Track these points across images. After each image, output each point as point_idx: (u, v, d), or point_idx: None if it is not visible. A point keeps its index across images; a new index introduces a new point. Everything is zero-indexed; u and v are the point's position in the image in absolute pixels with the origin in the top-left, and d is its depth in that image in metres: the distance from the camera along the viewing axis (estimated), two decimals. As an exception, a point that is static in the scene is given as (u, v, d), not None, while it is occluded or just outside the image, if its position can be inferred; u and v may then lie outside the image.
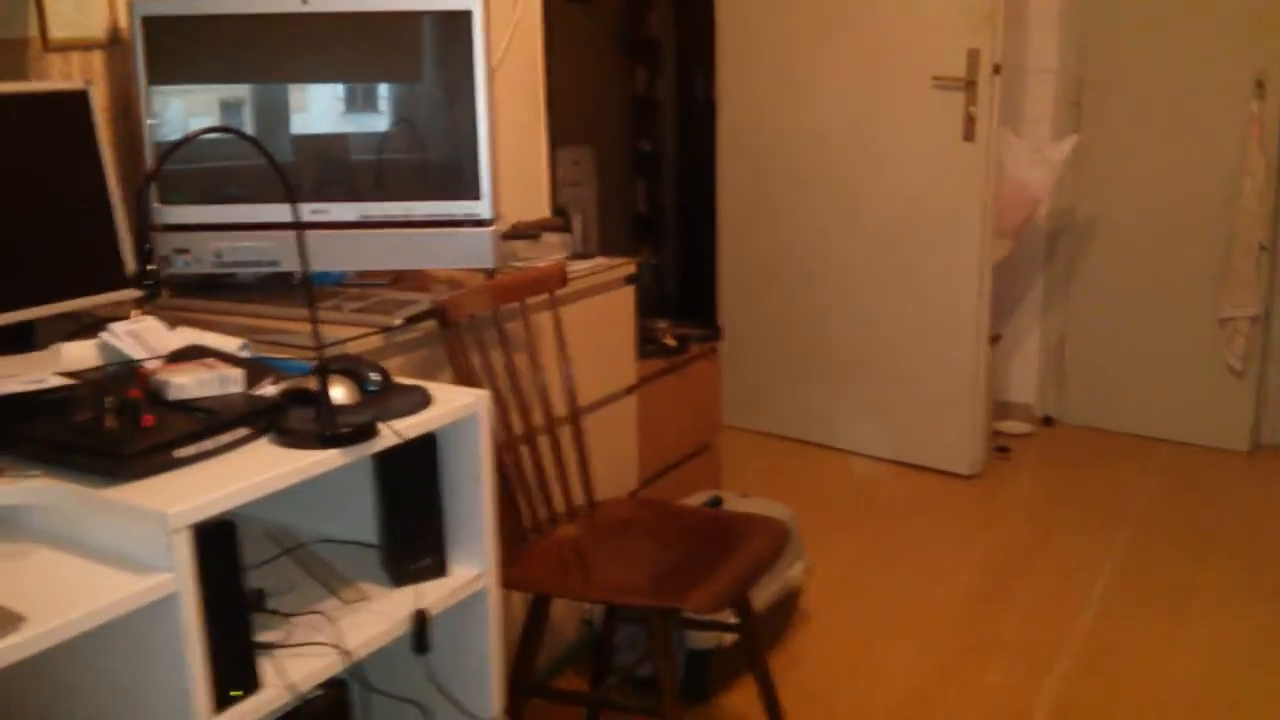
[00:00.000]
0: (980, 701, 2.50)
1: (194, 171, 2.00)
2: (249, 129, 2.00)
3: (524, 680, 2.03)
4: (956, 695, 2.52)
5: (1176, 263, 4.00)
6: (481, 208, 2.00)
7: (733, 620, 2.21)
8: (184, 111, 1.99)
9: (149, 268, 1.36)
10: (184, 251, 2.02)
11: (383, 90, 2.02)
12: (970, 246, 3.63)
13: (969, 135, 3.55)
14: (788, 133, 3.95)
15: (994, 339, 3.85)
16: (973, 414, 3.76)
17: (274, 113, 2.01)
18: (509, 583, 1.92)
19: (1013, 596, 2.99)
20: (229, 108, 2.02)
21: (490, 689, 1.68)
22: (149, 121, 1.96)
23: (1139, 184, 4.02)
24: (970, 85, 3.50)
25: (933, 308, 3.76)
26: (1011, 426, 4.27)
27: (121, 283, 1.84)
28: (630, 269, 2.58)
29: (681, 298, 5.19)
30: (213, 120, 1.99)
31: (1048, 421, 4.35)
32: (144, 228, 1.31)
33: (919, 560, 3.21)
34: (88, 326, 1.88)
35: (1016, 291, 4.32)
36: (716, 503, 2.70)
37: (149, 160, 1.97)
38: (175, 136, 1.97)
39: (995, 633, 2.80)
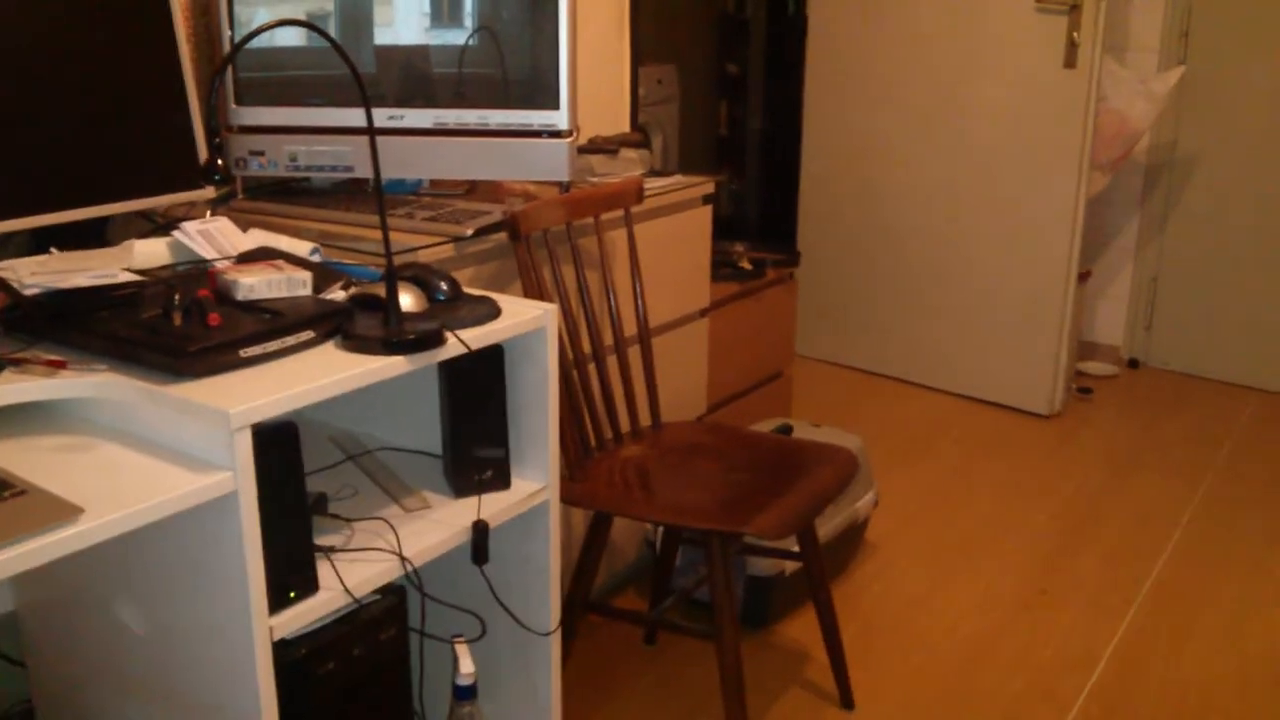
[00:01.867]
0: (1047, 645, 2.45)
1: (273, 79, 1.98)
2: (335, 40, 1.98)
3: (581, 596, 2.03)
4: (1022, 637, 2.48)
5: (1277, 206, 3.83)
6: (559, 118, 1.96)
7: (796, 549, 2.18)
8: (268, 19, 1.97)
9: (218, 162, 1.34)
10: (259, 154, 2.01)
11: (466, 1, 1.98)
12: (1066, 178, 3.51)
13: (1070, 62, 3.40)
14: (881, 55, 3.83)
15: (1083, 276, 3.73)
16: (1056, 352, 3.66)
17: (357, 24, 1.98)
18: (571, 499, 1.90)
19: (1086, 541, 2.92)
20: (315, 19, 1.99)
21: (548, 603, 1.67)
22: (227, 32, 1.94)
23: (1244, 122, 3.84)
24: (1075, 9, 3.35)
25: (1021, 240, 3.64)
26: (1095, 368, 4.16)
27: (195, 183, 1.84)
28: (709, 188, 2.53)
29: (761, 223, 5.11)
30: (299, 35, 1.97)
31: (1133, 364, 4.23)
32: (212, 119, 1.29)
33: (992, 499, 3.15)
34: (161, 226, 1.88)
35: (1109, 228, 4.18)
36: (786, 430, 2.66)
37: (229, 72, 1.96)
38: (258, 44, 1.95)
39: (1066, 577, 2.74)
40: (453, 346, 1.43)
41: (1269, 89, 3.77)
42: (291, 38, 1.99)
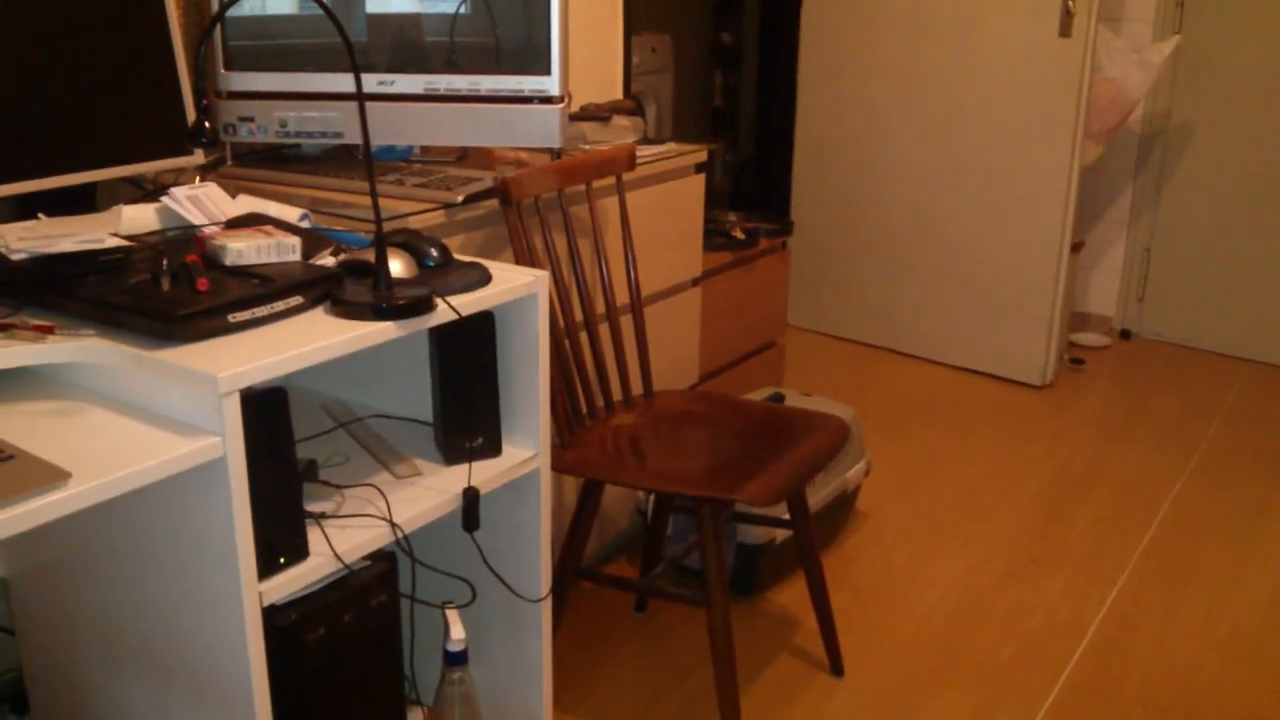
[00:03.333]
0: (1035, 613, 2.46)
1: (263, 45, 1.96)
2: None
3: (572, 563, 2.04)
4: (1011, 605, 2.49)
5: (1272, 177, 3.82)
6: (550, 84, 1.94)
7: (786, 516, 2.19)
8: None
9: (205, 125, 1.32)
10: (249, 120, 2.00)
11: (457, -36, 1.96)
12: (1060, 148, 3.50)
13: (1065, 31, 3.39)
14: (875, 24, 3.81)
15: (1076, 246, 3.73)
16: (1048, 323, 3.66)
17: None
18: (562, 466, 1.91)
19: (1077, 511, 2.93)
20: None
21: (538, 570, 1.67)
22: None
23: (1239, 92, 3.83)
24: (1069, -22, 3.34)
25: (1015, 210, 3.64)
26: (1087, 339, 4.17)
27: (184, 148, 1.83)
28: (701, 157, 2.52)
29: (755, 193, 5.10)
30: (290, 3, 1.95)
31: (1125, 335, 4.24)
32: (200, 83, 1.27)
33: (983, 469, 3.16)
34: (150, 192, 1.87)
35: (1103, 198, 4.18)
36: (779, 399, 2.66)
37: (218, 37, 1.94)
38: (248, 10, 1.93)
39: (1056, 546, 2.75)
40: (443, 313, 1.42)
41: (1264, 59, 3.76)
42: (282, 4, 1.97)
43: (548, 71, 1.95)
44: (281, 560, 1.30)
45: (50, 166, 1.66)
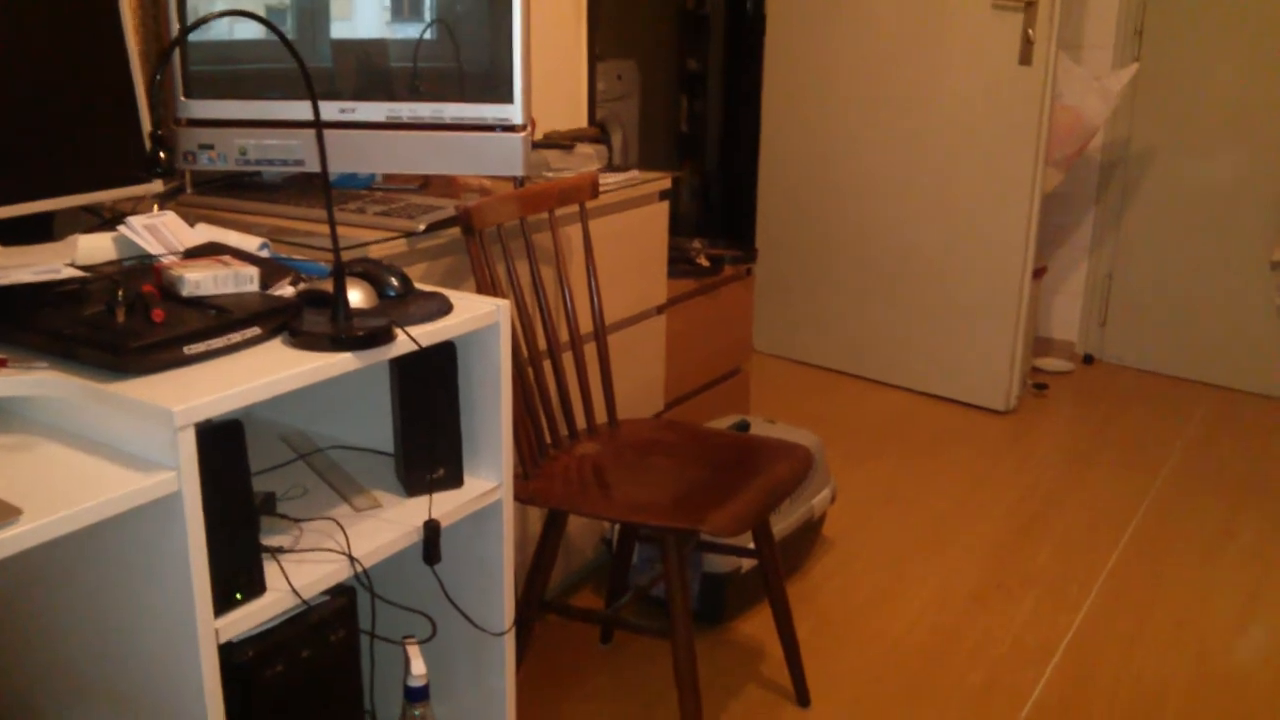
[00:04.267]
0: (1003, 639, 2.47)
1: (223, 72, 1.95)
2: (290, 34, 1.95)
3: (536, 595, 2.02)
4: (979, 631, 2.49)
5: (1231, 203, 3.87)
6: (513, 112, 1.94)
7: (751, 545, 2.18)
8: (226, 19, 1.94)
9: (160, 154, 1.31)
10: (208, 147, 1.98)
11: (420, -9, 1.96)
12: (1021, 175, 3.53)
13: (1026, 59, 3.42)
14: (839, 51, 3.84)
15: (1038, 272, 3.76)
16: (1011, 348, 3.68)
17: (314, 17, 1.96)
18: (525, 497, 1.89)
19: (1042, 535, 2.94)
20: (272, 13, 1.97)
21: (501, 602, 1.65)
22: (176, 25, 1.91)
23: (1198, 119, 3.88)
24: (1030, 7, 3.37)
25: (977, 237, 3.67)
26: (1051, 364, 4.20)
27: (142, 177, 1.81)
28: (665, 184, 2.52)
29: (722, 219, 5.11)
30: (252, 23, 1.93)
31: (1088, 360, 4.27)
32: (158, 110, 1.26)
33: (948, 495, 3.16)
34: (108, 221, 1.85)
35: (1065, 224, 4.22)
36: (744, 426, 2.66)
37: (178, 64, 1.93)
38: (209, 36, 1.92)
39: (1023, 570, 2.76)
40: (402, 343, 1.41)
41: (1222, 86, 3.82)
42: (243, 30, 1.96)
43: (510, 99, 1.94)
44: (238, 596, 1.28)
45: (6, 195, 1.63)
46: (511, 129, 1.94)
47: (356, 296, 1.45)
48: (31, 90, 1.65)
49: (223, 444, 1.23)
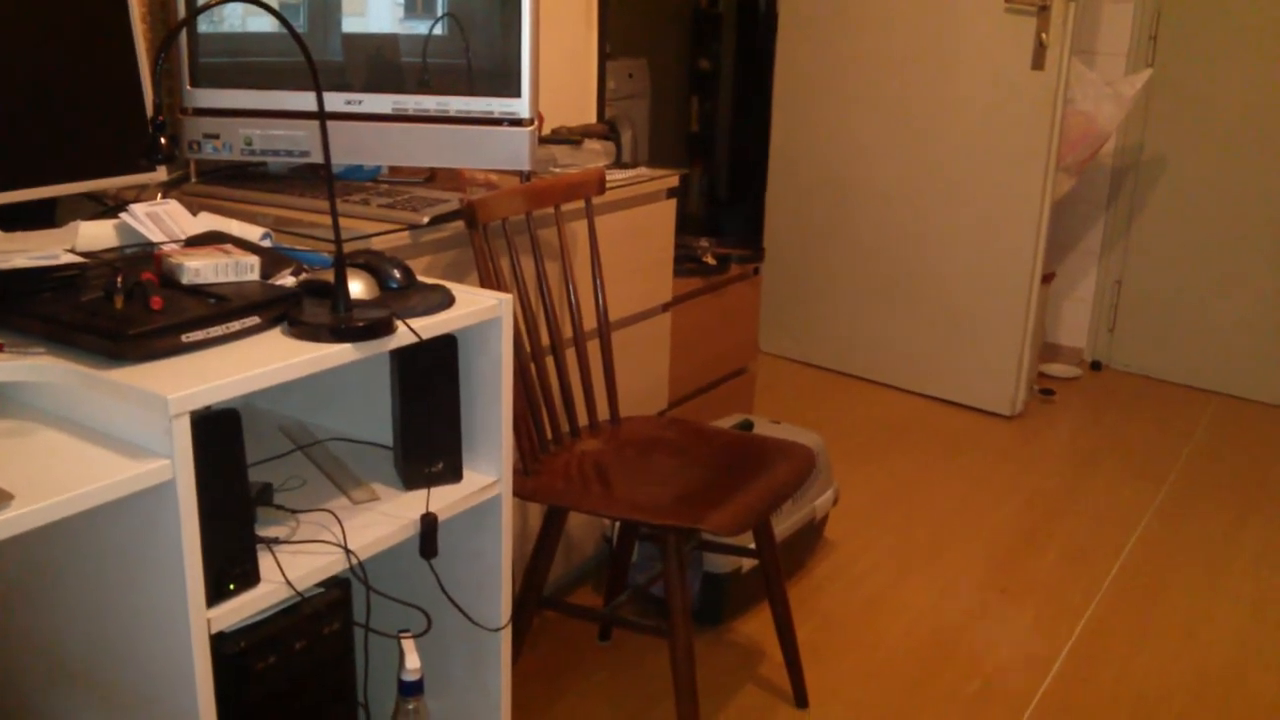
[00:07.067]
0: (1004, 644, 2.45)
1: (230, 63, 1.94)
2: (302, 27, 1.94)
3: (534, 592, 2.01)
4: (980, 636, 2.48)
5: (1242, 211, 3.85)
6: (520, 106, 1.93)
7: (752, 545, 2.17)
8: (239, 11, 1.93)
9: (161, 141, 1.30)
10: (214, 137, 1.97)
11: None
12: (1032, 180, 3.51)
13: (1039, 64, 3.41)
14: (851, 53, 3.82)
15: (1047, 277, 3.74)
16: (1019, 353, 3.67)
17: (327, 11, 1.95)
18: (526, 493, 1.88)
19: (1046, 541, 2.93)
20: (286, 8, 1.96)
21: (498, 598, 1.65)
22: (183, 14, 1.90)
23: (1211, 125, 3.86)
24: (1043, 11, 3.36)
25: (987, 241, 3.65)
26: (1058, 369, 4.18)
27: (146, 165, 1.80)
28: (673, 182, 2.51)
29: (731, 219, 5.10)
30: (264, 16, 1.93)
31: (1096, 366, 4.25)
32: (162, 98, 1.25)
33: (952, 498, 3.15)
34: (110, 208, 1.84)
35: (1075, 230, 4.20)
36: (747, 426, 2.65)
37: (185, 54, 1.92)
38: (222, 29, 1.92)
39: (1026, 576, 2.75)
40: (403, 335, 1.40)
41: (1236, 93, 3.79)
42: (254, 23, 1.95)
43: (518, 94, 1.93)
44: (231, 586, 1.27)
45: (9, 181, 1.63)
46: (519, 123, 1.94)
47: (358, 288, 1.44)
48: (36, 76, 1.65)
49: (219, 433, 1.22)
